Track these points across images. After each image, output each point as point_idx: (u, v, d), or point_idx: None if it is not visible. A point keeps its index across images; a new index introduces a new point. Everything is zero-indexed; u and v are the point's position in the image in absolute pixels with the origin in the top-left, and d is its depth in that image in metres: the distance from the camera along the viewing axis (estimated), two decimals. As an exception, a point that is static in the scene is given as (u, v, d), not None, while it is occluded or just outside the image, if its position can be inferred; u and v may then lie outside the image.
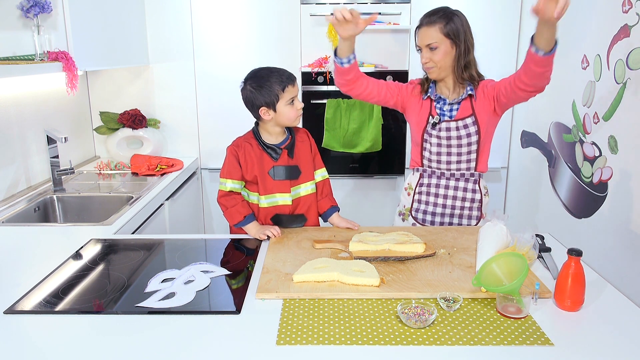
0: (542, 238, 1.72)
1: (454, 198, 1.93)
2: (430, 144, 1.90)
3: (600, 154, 2.17)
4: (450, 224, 1.96)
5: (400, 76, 3.00)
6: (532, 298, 1.29)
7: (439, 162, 1.91)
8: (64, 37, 2.20)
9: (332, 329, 1.17)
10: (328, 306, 1.28)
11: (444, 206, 1.95)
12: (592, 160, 2.25)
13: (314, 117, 3.09)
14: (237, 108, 3.05)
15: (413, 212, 2.01)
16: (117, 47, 2.66)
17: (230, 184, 1.79)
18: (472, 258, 1.54)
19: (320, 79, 3.02)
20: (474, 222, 1.96)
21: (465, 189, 1.93)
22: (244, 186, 1.84)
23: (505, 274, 1.31)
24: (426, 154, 1.93)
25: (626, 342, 1.13)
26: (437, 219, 1.96)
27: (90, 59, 2.38)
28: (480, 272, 1.33)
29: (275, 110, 1.72)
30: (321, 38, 2.98)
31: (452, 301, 1.27)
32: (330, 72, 2.98)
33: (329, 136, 3.05)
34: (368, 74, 1.95)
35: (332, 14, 1.67)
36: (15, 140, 2.28)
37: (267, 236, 1.72)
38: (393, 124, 3.09)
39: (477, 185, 1.94)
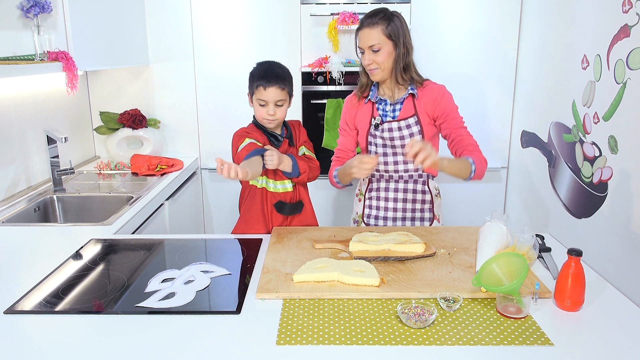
0: (542, 238, 1.72)
1: (404, 201, 1.92)
2: (376, 145, 1.88)
3: (600, 154, 2.17)
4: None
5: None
6: (532, 298, 1.29)
7: (386, 164, 1.90)
8: (64, 37, 2.20)
9: (332, 329, 1.17)
10: (328, 306, 1.28)
11: (395, 210, 1.93)
12: (592, 160, 2.25)
13: (314, 117, 3.09)
14: (237, 108, 3.08)
15: (365, 219, 1.99)
16: (117, 47, 2.66)
17: (243, 144, 1.78)
18: (472, 258, 1.54)
19: (320, 79, 3.02)
20: (426, 224, 1.95)
21: (414, 191, 1.92)
22: None
23: (505, 274, 1.31)
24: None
25: (626, 342, 1.13)
26: (389, 223, 1.95)
27: (90, 59, 2.38)
28: (480, 272, 1.33)
29: (252, 102, 1.80)
30: (321, 38, 2.98)
31: (452, 301, 1.27)
32: (330, 72, 2.98)
33: (329, 136, 3.05)
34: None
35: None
36: (15, 140, 2.28)
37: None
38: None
39: (426, 186, 1.93)
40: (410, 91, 1.83)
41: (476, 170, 1.72)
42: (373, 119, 1.87)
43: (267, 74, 1.75)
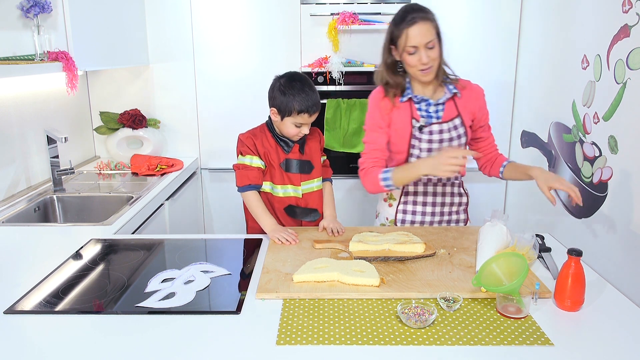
0: (542, 238, 1.72)
1: (442, 204, 1.88)
2: (420, 149, 1.77)
3: (600, 154, 2.17)
4: None
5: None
6: (532, 298, 1.29)
7: None
8: (64, 37, 2.20)
9: (332, 329, 1.17)
10: (328, 306, 1.28)
11: (433, 214, 1.88)
12: (592, 160, 2.25)
13: (314, 117, 3.09)
14: (237, 108, 3.08)
15: (399, 224, 1.91)
16: (117, 47, 2.66)
17: (249, 160, 1.81)
18: (472, 258, 1.54)
19: (320, 79, 3.02)
20: (461, 224, 1.93)
21: (452, 194, 1.89)
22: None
23: (505, 274, 1.31)
24: (414, 160, 1.78)
25: (626, 342, 1.13)
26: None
27: (90, 59, 2.38)
28: (480, 272, 1.33)
29: (282, 119, 1.77)
30: (321, 38, 2.98)
31: (452, 301, 1.27)
32: (330, 72, 2.98)
33: (329, 136, 3.05)
34: (367, 73, 1.93)
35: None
36: (15, 140, 2.28)
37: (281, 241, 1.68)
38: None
39: (461, 188, 1.91)
40: (454, 90, 1.78)
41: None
42: (415, 120, 1.76)
43: (311, 102, 1.72)
